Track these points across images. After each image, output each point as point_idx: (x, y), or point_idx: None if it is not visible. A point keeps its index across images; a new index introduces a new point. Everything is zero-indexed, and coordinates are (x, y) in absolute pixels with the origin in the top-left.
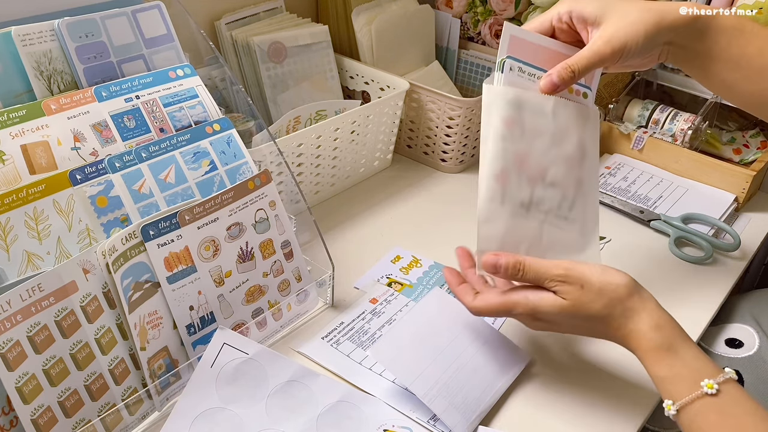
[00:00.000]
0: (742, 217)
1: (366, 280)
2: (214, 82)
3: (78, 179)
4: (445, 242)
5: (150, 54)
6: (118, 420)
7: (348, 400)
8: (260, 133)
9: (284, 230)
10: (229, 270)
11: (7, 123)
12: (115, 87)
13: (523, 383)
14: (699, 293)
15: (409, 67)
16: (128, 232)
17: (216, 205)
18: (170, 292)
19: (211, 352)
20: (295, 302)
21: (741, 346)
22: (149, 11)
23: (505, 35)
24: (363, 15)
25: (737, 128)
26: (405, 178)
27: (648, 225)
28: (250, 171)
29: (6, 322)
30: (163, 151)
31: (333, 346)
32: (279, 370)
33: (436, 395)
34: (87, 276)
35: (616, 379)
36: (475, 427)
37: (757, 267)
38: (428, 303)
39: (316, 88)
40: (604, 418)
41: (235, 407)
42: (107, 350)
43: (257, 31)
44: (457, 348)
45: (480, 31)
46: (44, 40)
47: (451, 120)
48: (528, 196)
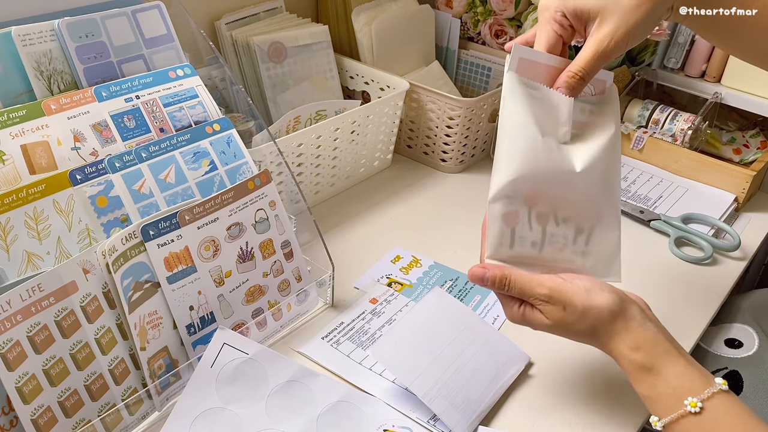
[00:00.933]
0: (742, 217)
1: (366, 280)
2: (214, 82)
3: (78, 179)
4: (445, 242)
5: (150, 54)
6: (118, 420)
7: (348, 400)
8: (260, 133)
9: (284, 230)
10: (229, 270)
11: (7, 123)
12: (115, 87)
13: (523, 383)
14: (699, 293)
15: (409, 67)
16: (128, 232)
17: (216, 205)
18: (170, 292)
19: (211, 352)
20: (295, 302)
21: (740, 346)
22: (149, 11)
23: (514, 57)
24: (363, 15)
25: (737, 128)
26: (405, 178)
27: (648, 225)
28: (250, 171)
29: (6, 322)
30: (163, 151)
31: (333, 346)
32: (279, 370)
33: (436, 395)
34: (87, 276)
35: (616, 379)
36: (475, 427)
37: (757, 267)
38: (428, 303)
39: (316, 88)
40: (604, 418)
41: (235, 407)
42: (107, 350)
43: (257, 31)
44: (457, 348)
45: (480, 31)
46: (44, 40)
47: (451, 120)
48: (539, 235)
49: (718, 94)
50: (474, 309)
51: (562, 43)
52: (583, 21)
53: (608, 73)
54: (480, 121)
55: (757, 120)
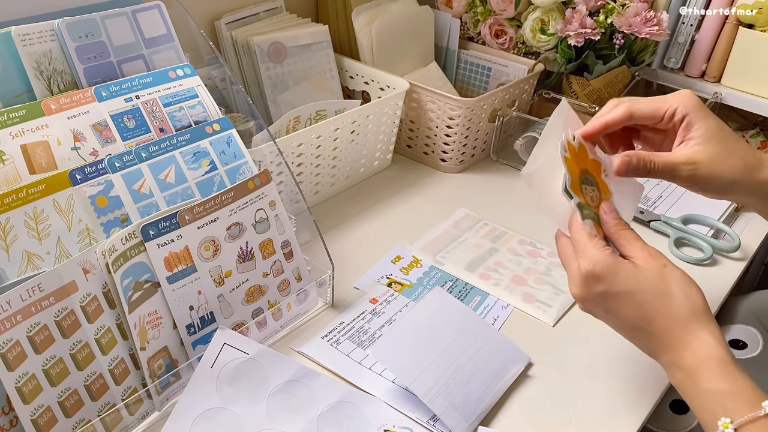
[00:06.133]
0: (742, 217)
1: (366, 280)
2: (214, 82)
3: (78, 179)
4: None
5: (150, 54)
6: (118, 420)
7: (348, 400)
8: (260, 133)
9: (284, 230)
10: (229, 270)
11: (7, 123)
12: (115, 87)
13: (523, 383)
14: None
15: (409, 67)
16: (128, 232)
17: (216, 205)
18: (170, 292)
19: (211, 352)
20: (295, 302)
21: (745, 347)
22: (149, 11)
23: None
24: (363, 15)
25: (737, 128)
26: (405, 178)
27: (648, 225)
28: (250, 171)
29: (6, 322)
30: (163, 151)
31: (333, 346)
32: (279, 370)
33: (436, 395)
34: (87, 276)
35: (617, 379)
36: (475, 427)
37: (756, 268)
38: (429, 303)
39: (316, 88)
40: (604, 419)
41: (236, 407)
42: (107, 350)
43: (257, 31)
44: (457, 348)
45: (480, 31)
46: (44, 40)
47: (451, 120)
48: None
49: (718, 94)
50: (474, 309)
51: (657, 122)
52: (687, 135)
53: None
54: (480, 121)
55: (757, 120)
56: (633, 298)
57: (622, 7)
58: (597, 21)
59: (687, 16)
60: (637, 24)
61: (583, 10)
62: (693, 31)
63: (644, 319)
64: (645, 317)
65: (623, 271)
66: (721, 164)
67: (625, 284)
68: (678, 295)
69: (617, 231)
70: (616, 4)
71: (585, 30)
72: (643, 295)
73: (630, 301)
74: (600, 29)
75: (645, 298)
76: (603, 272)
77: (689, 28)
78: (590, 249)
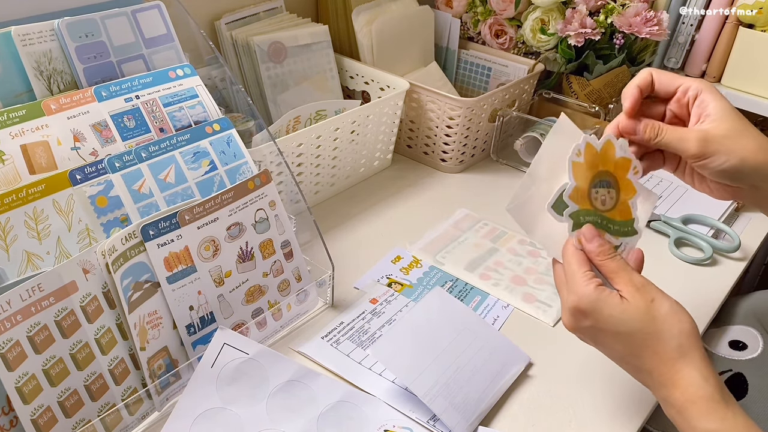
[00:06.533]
0: (742, 217)
1: (366, 280)
2: (214, 82)
3: (78, 179)
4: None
5: (150, 54)
6: (118, 420)
7: (348, 400)
8: (260, 133)
9: (284, 230)
10: (229, 270)
11: (7, 123)
12: (115, 87)
13: (523, 383)
14: (698, 294)
15: (409, 67)
16: (128, 232)
17: (216, 205)
18: (170, 292)
19: (211, 352)
20: (295, 302)
21: (745, 348)
22: (149, 11)
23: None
24: (363, 15)
25: None
26: (405, 178)
27: (648, 225)
28: (250, 171)
29: (6, 322)
30: (163, 151)
31: (333, 346)
32: (279, 370)
33: (436, 395)
34: (87, 276)
35: (616, 380)
36: (475, 427)
37: (756, 268)
38: (429, 303)
39: (316, 88)
40: (604, 419)
41: (236, 407)
42: (107, 350)
43: (257, 31)
44: (457, 348)
45: (480, 30)
46: (44, 40)
47: (451, 120)
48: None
49: None
50: (474, 309)
51: (669, 98)
52: (702, 114)
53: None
54: (480, 121)
55: (757, 120)
56: (619, 337)
57: (622, 7)
58: (597, 21)
59: (687, 16)
60: (637, 24)
61: (583, 10)
62: (693, 31)
63: (633, 354)
64: (633, 353)
65: (608, 308)
66: (733, 141)
67: (610, 322)
68: (664, 334)
69: (601, 262)
70: (616, 4)
71: (585, 30)
72: (630, 335)
73: (617, 339)
74: (600, 29)
75: (632, 338)
76: (588, 309)
77: (689, 28)
78: (578, 280)
